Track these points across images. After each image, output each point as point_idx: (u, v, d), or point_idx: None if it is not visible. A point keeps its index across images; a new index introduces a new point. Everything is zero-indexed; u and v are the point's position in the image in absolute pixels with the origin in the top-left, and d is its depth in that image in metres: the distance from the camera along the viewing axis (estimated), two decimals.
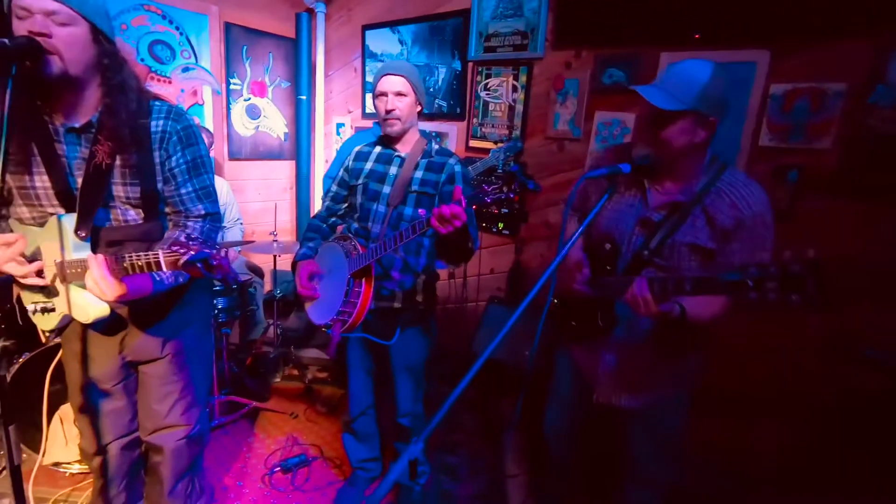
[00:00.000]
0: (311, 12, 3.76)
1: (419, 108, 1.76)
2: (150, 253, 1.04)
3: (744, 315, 2.02)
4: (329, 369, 3.09)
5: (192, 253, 0.99)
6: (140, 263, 1.06)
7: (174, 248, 1.01)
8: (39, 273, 1.24)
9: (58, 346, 1.51)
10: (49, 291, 1.29)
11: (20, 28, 1.08)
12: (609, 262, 1.40)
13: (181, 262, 1.00)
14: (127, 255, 1.08)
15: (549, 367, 1.72)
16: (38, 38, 1.06)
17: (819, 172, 1.91)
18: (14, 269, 1.20)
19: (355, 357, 2.00)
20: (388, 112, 1.69)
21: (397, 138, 1.76)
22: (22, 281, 1.24)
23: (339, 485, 2.20)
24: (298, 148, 3.95)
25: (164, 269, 1.03)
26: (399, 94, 1.68)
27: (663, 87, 1.19)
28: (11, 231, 1.32)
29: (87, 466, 1.70)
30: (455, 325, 3.20)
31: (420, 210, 1.45)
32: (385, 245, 1.54)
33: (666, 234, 1.28)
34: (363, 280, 1.66)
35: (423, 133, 1.82)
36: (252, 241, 3.10)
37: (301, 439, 2.51)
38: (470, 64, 3.01)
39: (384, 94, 1.69)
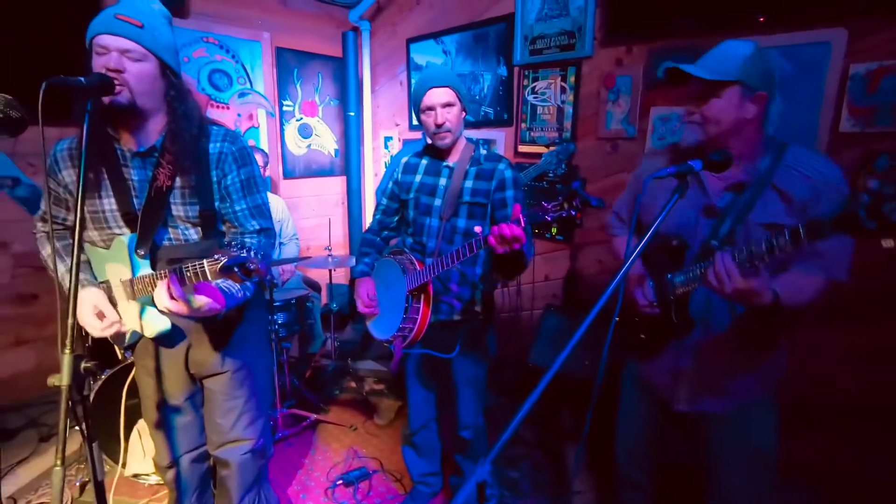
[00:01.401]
0: (356, 30, 3.85)
1: (464, 114, 1.72)
2: (196, 262, 1.08)
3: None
4: (386, 381, 3.10)
5: (226, 259, 1.01)
6: (189, 275, 1.11)
7: (216, 256, 1.04)
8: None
9: (133, 364, 1.59)
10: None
11: (97, 64, 1.17)
12: (675, 260, 1.32)
13: (218, 267, 1.03)
14: (183, 267, 1.13)
15: (614, 386, 1.62)
16: (112, 73, 1.15)
17: None
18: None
19: (414, 370, 1.99)
20: (438, 126, 1.64)
21: (446, 149, 1.73)
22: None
23: (400, 499, 2.19)
24: (348, 163, 4.03)
25: (210, 277, 1.06)
26: (447, 104, 1.64)
27: (703, 64, 1.17)
28: (88, 258, 1.41)
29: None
30: (509, 333, 3.13)
31: (476, 227, 1.43)
32: (441, 263, 1.54)
33: (736, 217, 1.21)
34: (422, 296, 1.66)
35: (468, 140, 1.79)
36: (308, 258, 3.18)
37: (361, 452, 2.52)
38: (516, 69, 2.97)
39: (431, 107, 1.64)
